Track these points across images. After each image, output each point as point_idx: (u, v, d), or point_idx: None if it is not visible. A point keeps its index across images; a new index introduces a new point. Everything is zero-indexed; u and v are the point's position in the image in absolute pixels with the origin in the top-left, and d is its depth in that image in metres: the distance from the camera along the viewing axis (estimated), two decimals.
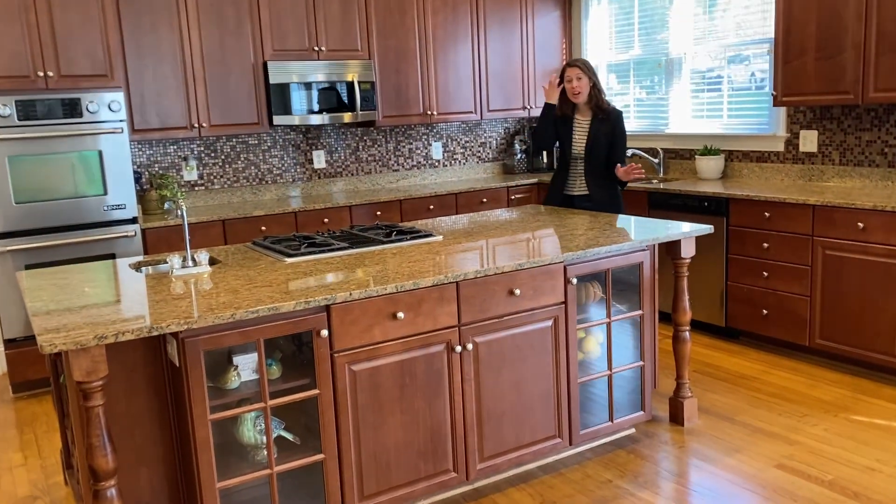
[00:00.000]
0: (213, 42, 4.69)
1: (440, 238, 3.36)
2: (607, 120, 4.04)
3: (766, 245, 4.22)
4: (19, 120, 3.92)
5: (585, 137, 4.09)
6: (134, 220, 4.31)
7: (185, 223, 2.93)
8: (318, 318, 2.47)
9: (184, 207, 2.95)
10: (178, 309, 2.33)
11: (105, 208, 4.20)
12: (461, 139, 6.12)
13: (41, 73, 3.99)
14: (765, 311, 4.28)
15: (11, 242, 3.98)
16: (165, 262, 3.06)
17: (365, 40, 5.22)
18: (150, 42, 4.49)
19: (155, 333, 2.17)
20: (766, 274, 4.24)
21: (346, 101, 5.11)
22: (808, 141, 4.56)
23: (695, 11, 5.22)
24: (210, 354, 2.42)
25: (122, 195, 4.24)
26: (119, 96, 4.17)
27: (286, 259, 3.01)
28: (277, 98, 4.87)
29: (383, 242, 3.25)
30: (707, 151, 5.03)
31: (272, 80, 4.83)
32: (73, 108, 4.04)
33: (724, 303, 4.51)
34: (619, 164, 3.98)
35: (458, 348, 2.75)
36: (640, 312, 3.25)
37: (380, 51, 5.29)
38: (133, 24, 4.42)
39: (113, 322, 2.19)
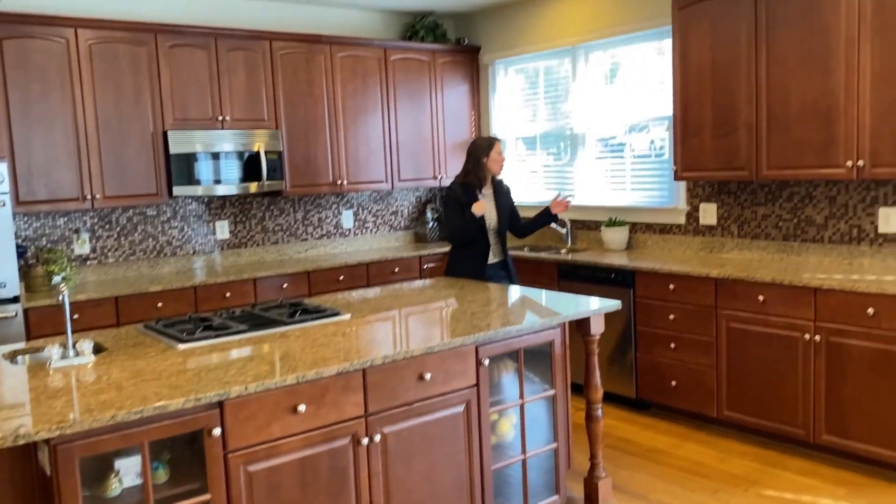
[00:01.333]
0: (110, 110, 4.48)
1: (347, 317, 3.23)
2: (502, 191, 4.33)
3: (672, 317, 4.28)
4: None
5: (495, 210, 4.25)
6: (15, 300, 3.98)
7: (67, 310, 2.70)
8: (210, 415, 2.28)
9: (66, 293, 2.72)
10: (52, 411, 2.11)
11: None
12: (372, 208, 6.05)
13: None
14: (674, 383, 4.32)
15: None
16: (44, 352, 2.80)
17: (272, 110, 5.12)
18: (40, 110, 4.25)
19: (22, 442, 1.94)
20: (673, 345, 4.29)
21: (253, 171, 4.96)
22: (708, 214, 4.72)
23: (597, 86, 5.38)
24: (87, 460, 2.18)
25: (2, 272, 3.92)
26: (2, 167, 3.89)
27: (179, 345, 2.82)
28: (178, 168, 4.68)
29: (286, 323, 3.10)
30: (613, 223, 5.12)
31: (173, 150, 4.64)
32: None
33: (633, 374, 4.53)
34: (548, 206, 4.31)
35: (365, 440, 2.60)
36: (552, 392, 3.20)
37: (288, 120, 5.19)
38: (21, 92, 4.18)
39: None
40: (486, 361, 2.91)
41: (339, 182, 5.46)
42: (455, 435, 2.85)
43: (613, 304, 3.34)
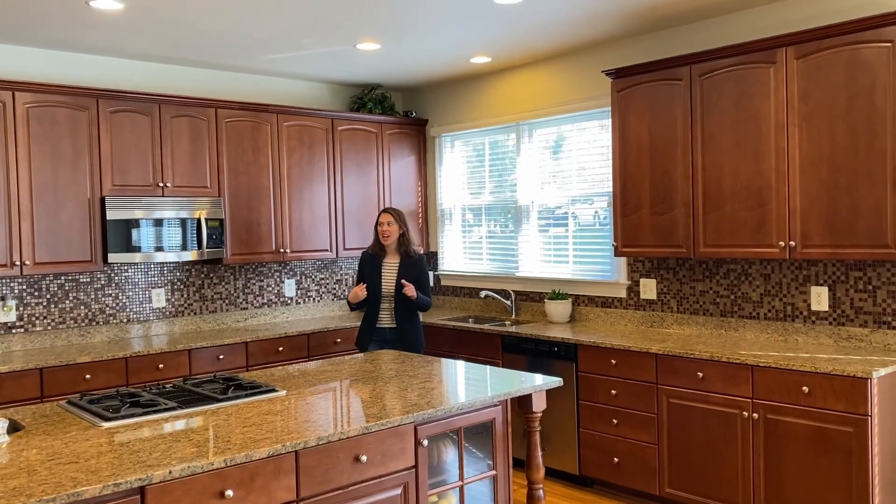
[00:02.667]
0: (45, 175, 4.37)
1: (283, 393, 3.13)
2: (412, 264, 4.52)
3: (614, 392, 4.28)
4: None
5: (394, 278, 4.48)
6: None
7: None
8: (130, 502, 2.15)
9: None
10: None
11: None
12: (316, 276, 5.98)
13: None
14: (616, 459, 4.28)
15: None
16: None
17: (215, 177, 5.07)
18: None
19: None
20: (615, 421, 4.28)
21: (192, 238, 4.86)
22: (648, 289, 4.79)
23: (541, 160, 5.50)
24: None
25: None
26: None
27: (103, 423, 2.68)
28: (115, 235, 4.55)
29: (219, 400, 2.98)
30: (556, 296, 5.16)
31: (110, 217, 4.53)
32: None
33: (577, 450, 4.49)
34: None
35: None
36: (493, 473, 3.13)
37: (231, 188, 5.14)
38: None
39: None
40: (426, 442, 2.84)
41: (281, 250, 5.39)
42: None
43: (555, 381, 3.32)
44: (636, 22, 4.45)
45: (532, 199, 5.56)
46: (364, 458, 2.66)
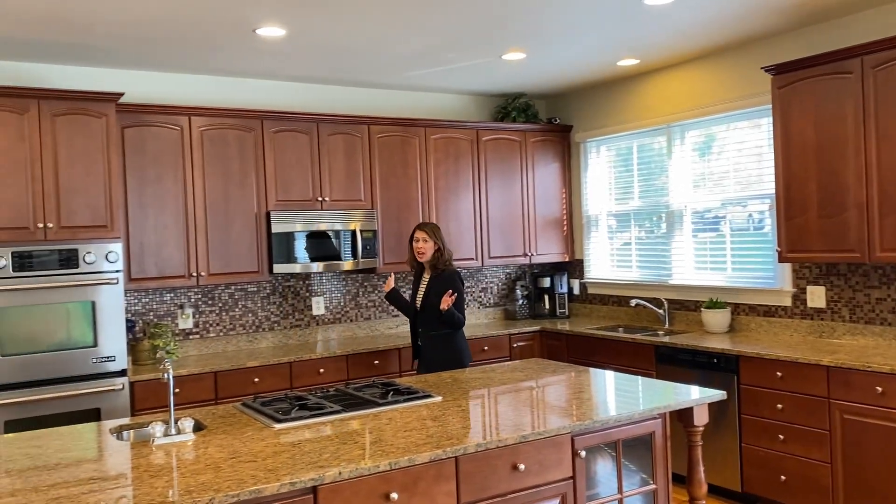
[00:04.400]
0: (217, 193, 4.73)
1: (439, 399, 3.20)
2: (441, 278, 4.31)
3: (780, 406, 4.03)
4: (14, 271, 3.87)
5: (424, 293, 4.38)
6: (123, 373, 4.16)
7: (171, 390, 2.79)
8: (304, 500, 2.27)
9: (170, 372, 2.81)
10: (154, 491, 2.15)
11: (94, 360, 4.07)
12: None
13: (41, 225, 3.98)
14: (783, 477, 4.03)
15: None
16: (148, 428, 2.87)
17: (368, 191, 5.27)
18: (154, 192, 4.52)
19: None
20: (782, 437, 4.03)
21: (348, 249, 5.09)
22: (816, 297, 4.48)
23: (693, 162, 5.30)
24: None
25: (112, 347, 4.11)
26: (117, 247, 4.14)
27: (275, 425, 2.85)
28: (279, 246, 4.85)
29: (379, 404, 3.09)
30: (713, 304, 4.94)
31: (274, 230, 4.83)
32: (69, 259, 4.00)
33: (739, 466, 4.27)
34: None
35: None
36: (653, 487, 3.04)
37: (382, 200, 5.33)
38: (138, 176, 4.47)
39: None
40: (583, 453, 2.80)
41: None
42: None
43: (718, 394, 3.18)
44: (795, 15, 4.19)
45: (685, 203, 5.36)
46: (522, 466, 2.66)
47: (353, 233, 5.11)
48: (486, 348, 5.41)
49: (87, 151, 4.11)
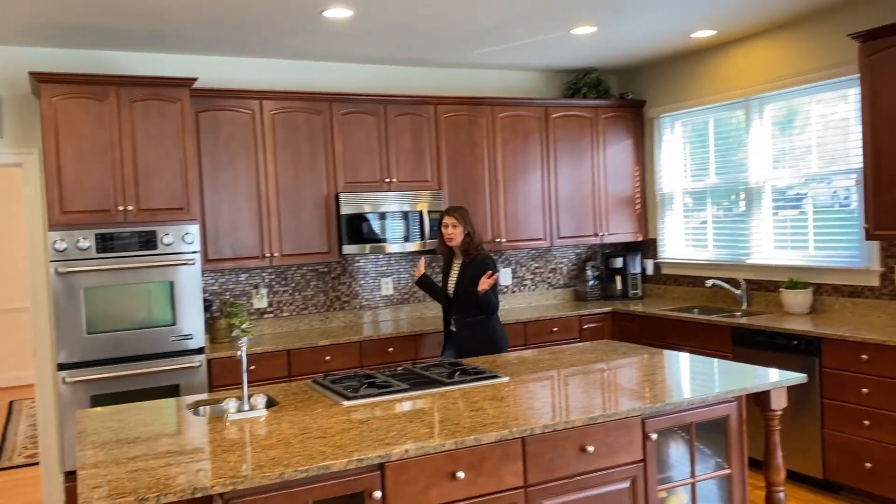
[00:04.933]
0: (289, 176, 4.80)
1: (506, 379, 3.18)
2: (473, 263, 4.14)
3: (866, 390, 3.84)
4: (97, 252, 4.03)
5: (456, 279, 4.20)
6: (201, 351, 4.30)
7: (245, 367, 2.86)
8: (371, 477, 2.30)
9: (244, 350, 2.88)
10: (226, 465, 2.21)
11: (173, 338, 4.21)
12: (530, 265, 6.01)
13: (121, 208, 4.13)
14: (868, 465, 3.85)
15: (80, 373, 4.00)
16: (223, 404, 2.96)
17: (435, 171, 5.27)
18: (228, 177, 4.63)
19: (199, 495, 2.04)
20: (867, 422, 3.84)
21: (416, 230, 5.10)
22: None
23: (773, 137, 5.07)
24: None
25: (190, 325, 4.25)
26: (194, 228, 4.26)
27: (344, 402, 2.89)
28: (348, 228, 4.90)
29: (445, 384, 3.10)
30: (793, 284, 4.74)
31: (343, 211, 4.88)
32: (148, 241, 4.14)
33: (820, 452, 4.10)
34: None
35: None
36: (728, 472, 2.94)
37: (449, 181, 5.32)
38: (212, 160, 4.59)
39: (157, 480, 2.08)
40: (654, 436, 2.74)
41: (497, 240, 5.48)
42: None
43: (798, 377, 3.05)
44: None
45: (764, 180, 5.15)
46: (590, 448, 2.62)
47: (421, 213, 5.12)
48: (554, 330, 5.35)
49: (163, 136, 4.24)
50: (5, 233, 8.34)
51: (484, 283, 4.00)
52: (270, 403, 3.07)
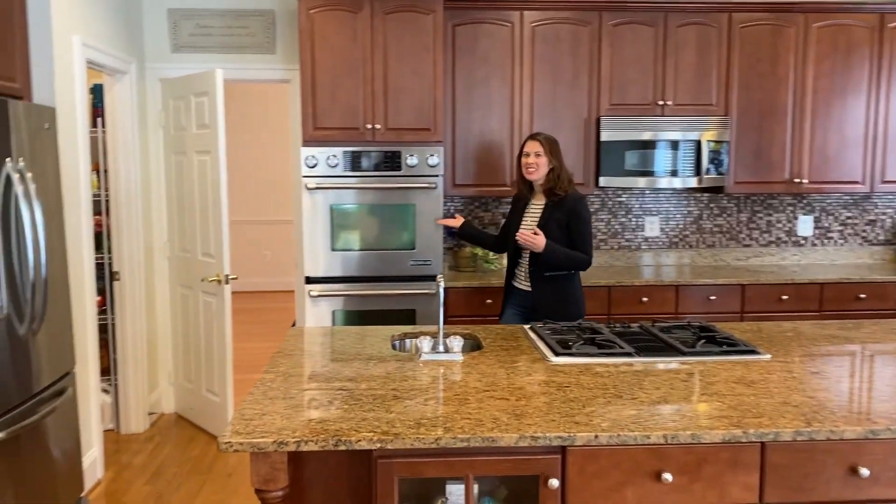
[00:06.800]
0: (546, 95, 4.35)
1: (766, 357, 2.50)
2: (561, 205, 3.28)
3: None
4: (345, 171, 4.01)
5: (537, 224, 3.31)
6: (435, 278, 4.13)
7: (441, 305, 2.56)
8: (549, 461, 1.87)
9: (441, 285, 2.59)
10: (385, 416, 1.94)
11: (412, 263, 4.10)
12: (840, 214, 4.90)
13: (370, 126, 4.04)
14: None
15: (323, 288, 4.07)
16: (418, 340, 2.72)
17: (722, 93, 4.42)
18: (481, 95, 4.32)
19: (342, 448, 1.80)
20: None
21: (691, 163, 4.36)
22: None
23: None
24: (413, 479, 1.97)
25: (429, 251, 4.09)
26: (438, 150, 4.04)
27: (552, 358, 2.47)
28: (608, 157, 4.33)
29: (683, 353, 2.51)
30: None
31: (604, 138, 4.31)
32: (393, 162, 4.02)
33: None
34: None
35: None
36: None
37: (740, 105, 4.43)
38: (465, 77, 4.30)
39: (303, 425, 1.88)
40: None
41: (797, 180, 4.50)
42: None
43: None
44: None
45: None
46: (865, 471, 1.90)
47: (699, 143, 4.35)
48: (861, 296, 4.29)
49: (414, 50, 4.03)
50: (280, 148, 8.66)
51: (523, 237, 3.18)
52: (476, 346, 2.76)
